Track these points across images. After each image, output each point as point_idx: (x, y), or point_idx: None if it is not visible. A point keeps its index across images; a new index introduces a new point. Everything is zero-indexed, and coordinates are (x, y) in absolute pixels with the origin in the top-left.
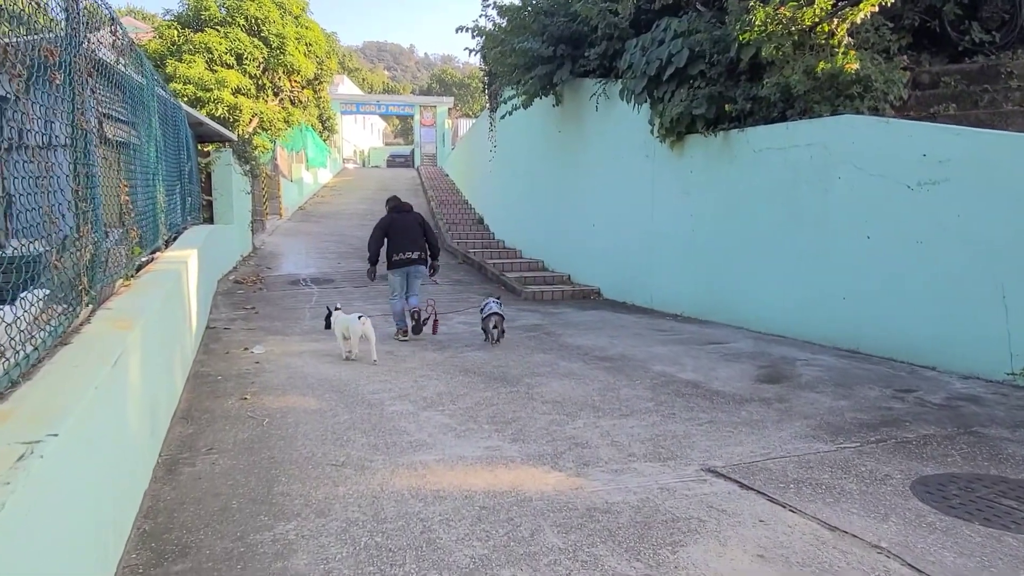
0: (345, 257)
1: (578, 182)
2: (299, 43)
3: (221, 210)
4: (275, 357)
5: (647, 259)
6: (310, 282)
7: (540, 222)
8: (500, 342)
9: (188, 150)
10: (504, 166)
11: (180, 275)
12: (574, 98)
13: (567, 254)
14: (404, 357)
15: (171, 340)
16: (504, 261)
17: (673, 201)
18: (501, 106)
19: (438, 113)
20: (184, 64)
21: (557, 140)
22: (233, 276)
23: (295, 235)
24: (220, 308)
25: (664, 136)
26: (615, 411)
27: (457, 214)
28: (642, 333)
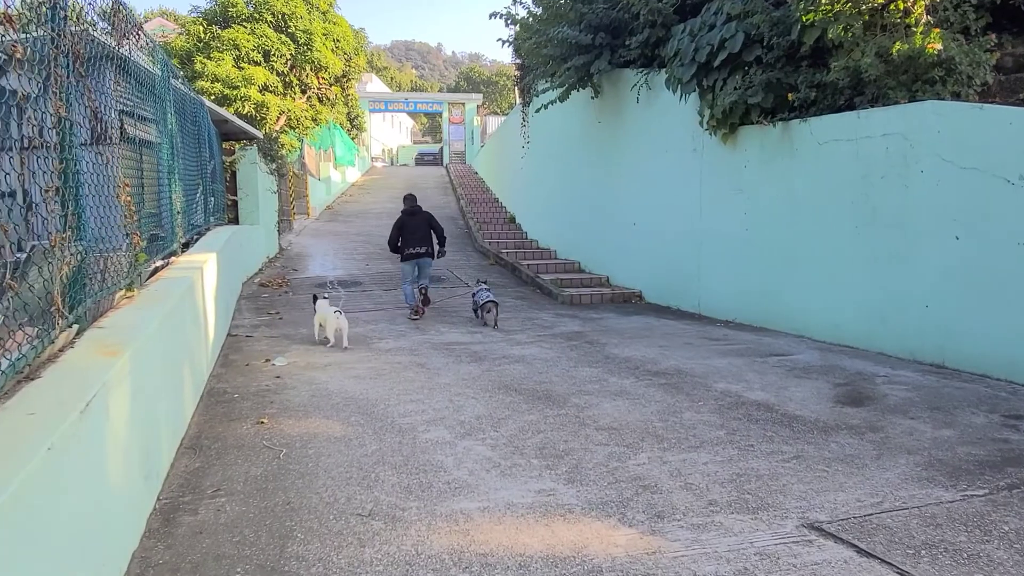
0: (373, 258)
1: (617, 179)
2: (326, 39)
3: (246, 210)
4: (298, 370)
5: (694, 261)
6: (337, 285)
7: (576, 221)
8: (498, 326)
9: (211, 148)
10: (537, 163)
11: (193, 283)
12: (613, 90)
13: (605, 255)
14: (438, 370)
15: (179, 358)
16: (538, 262)
17: (724, 198)
18: (535, 99)
19: (467, 110)
20: (212, 61)
21: (594, 135)
22: (259, 279)
23: (322, 235)
24: (244, 313)
25: (715, 128)
26: (682, 441)
27: (487, 213)
28: (694, 343)
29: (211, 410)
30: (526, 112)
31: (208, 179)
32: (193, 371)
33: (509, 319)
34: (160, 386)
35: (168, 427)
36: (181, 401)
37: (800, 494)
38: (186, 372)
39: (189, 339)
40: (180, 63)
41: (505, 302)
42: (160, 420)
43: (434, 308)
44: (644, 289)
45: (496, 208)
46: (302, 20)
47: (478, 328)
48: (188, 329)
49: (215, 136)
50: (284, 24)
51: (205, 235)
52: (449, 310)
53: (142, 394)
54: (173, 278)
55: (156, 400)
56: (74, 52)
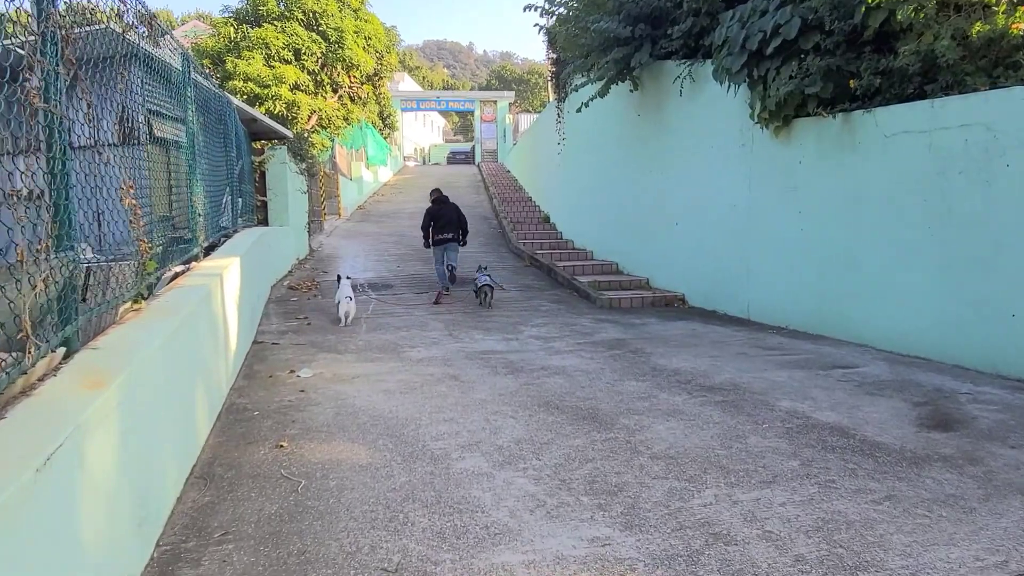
0: (405, 260)
1: (658, 177)
2: (358, 37)
3: (276, 211)
4: (323, 383)
5: (742, 263)
6: (367, 288)
7: (614, 221)
8: (492, 306)
9: (239, 147)
10: (572, 160)
11: (211, 292)
12: (653, 83)
13: (645, 256)
14: (472, 383)
15: (190, 377)
16: (575, 264)
17: (776, 196)
18: (571, 95)
19: (499, 108)
20: (243, 61)
21: (633, 130)
22: (288, 281)
23: (353, 236)
24: (271, 318)
25: (766, 121)
26: (751, 474)
27: (521, 212)
28: (747, 352)
29: (229, 430)
30: (561, 108)
31: (236, 180)
32: (209, 388)
33: (546, 324)
34: (164, 413)
35: (175, 457)
36: (193, 423)
37: (903, 549)
38: (200, 391)
39: (204, 353)
40: (211, 64)
41: (541, 306)
42: (163, 452)
43: (468, 313)
44: (687, 292)
45: (529, 207)
46: (333, 18)
47: (514, 335)
48: (204, 343)
49: (244, 135)
50: (315, 22)
51: (232, 237)
52: (483, 314)
53: (137, 428)
54: (189, 286)
55: (157, 430)
56: (64, 38)
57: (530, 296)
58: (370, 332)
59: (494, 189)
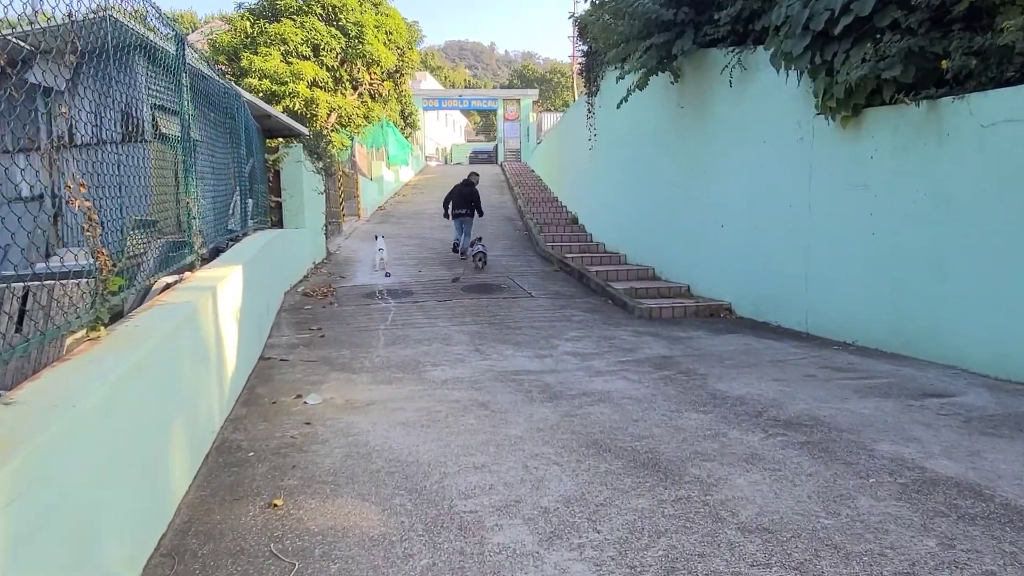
0: (426, 263)
1: (701, 175)
2: (378, 32)
3: (291, 212)
4: (333, 413)
5: (800, 269)
6: (386, 295)
7: (650, 223)
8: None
9: (250, 145)
10: (604, 158)
11: (196, 311)
12: (696, 74)
13: (686, 261)
14: (505, 414)
15: (158, 421)
16: (607, 268)
17: (842, 195)
18: (603, 88)
19: (522, 106)
20: (259, 57)
21: (673, 125)
22: (303, 287)
23: (373, 238)
24: (283, 329)
25: (833, 111)
26: (879, 561)
27: (548, 213)
28: (815, 375)
29: (215, 478)
30: (592, 103)
31: (246, 179)
32: (192, 428)
33: (582, 338)
34: (109, 484)
35: (126, 542)
36: (166, 481)
37: None
38: (177, 435)
39: (186, 386)
40: (227, 60)
41: (574, 316)
42: (105, 542)
43: (495, 324)
44: (734, 301)
45: (556, 208)
46: (353, 12)
47: (547, 351)
48: (185, 373)
49: (257, 132)
50: (334, 17)
51: (240, 242)
52: (512, 325)
53: (47, 531)
54: (170, 305)
55: (95, 515)
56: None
57: (561, 305)
58: (388, 346)
59: (518, 189)
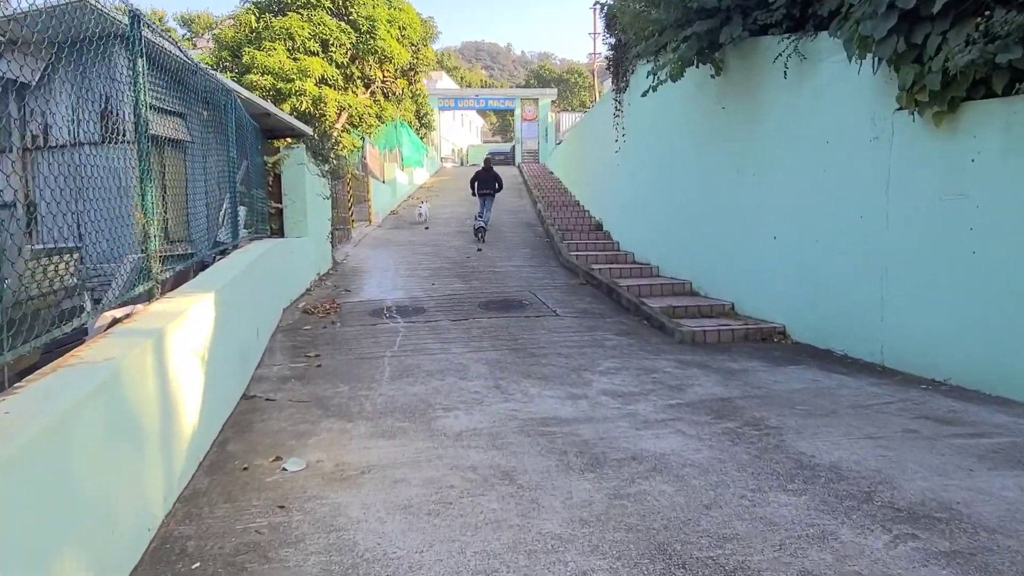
0: (440, 275)
1: (747, 179)
2: (391, 26)
3: (293, 219)
4: (317, 487)
5: (874, 291)
6: (395, 312)
7: (686, 232)
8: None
9: (244, 145)
10: (633, 160)
11: (120, 373)
12: (743, 65)
13: (729, 276)
14: (535, 491)
15: (36, 547)
16: (639, 282)
17: (932, 206)
18: (634, 84)
19: (540, 106)
20: (263, 52)
21: (713, 124)
22: (304, 303)
23: (384, 246)
24: (275, 355)
25: (924, 105)
26: None
27: (569, 218)
28: (917, 429)
29: None
30: (620, 100)
31: (238, 184)
32: (97, 543)
33: (619, 370)
34: None
35: None
36: None
37: None
38: (67, 562)
39: (91, 486)
40: (230, 56)
41: (606, 340)
42: None
43: (516, 349)
44: (788, 323)
45: (578, 213)
46: (364, 6)
47: (579, 388)
48: (92, 465)
49: (253, 132)
50: (344, 10)
51: (229, 255)
52: (536, 351)
53: None
54: (80, 366)
55: None
56: None
57: (590, 326)
58: (394, 380)
59: (538, 192)
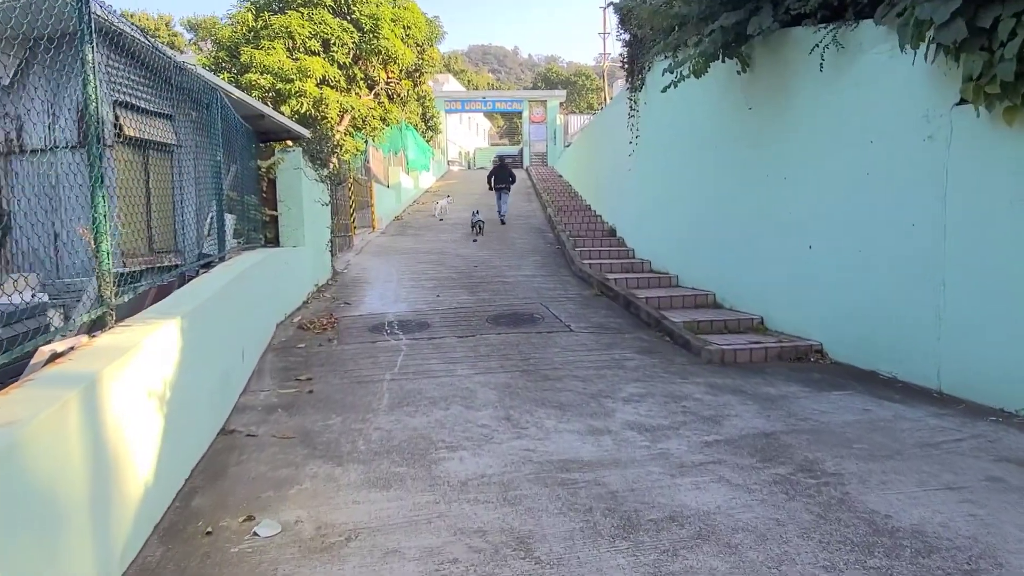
0: (446, 286)
1: (777, 183)
2: (395, 26)
3: (288, 228)
4: (294, 562)
5: (929, 307)
6: (397, 328)
7: (709, 240)
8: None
9: (232, 148)
10: (650, 163)
11: (14, 447)
12: (773, 59)
13: (757, 287)
14: (558, 567)
15: None
16: (658, 294)
17: (1000, 212)
18: (650, 83)
19: (549, 108)
20: (261, 51)
21: (740, 123)
22: (299, 317)
23: (387, 254)
24: (264, 379)
25: (995, 99)
26: None
27: (581, 224)
28: (1004, 477)
29: None
30: (636, 100)
31: (226, 190)
32: None
33: (644, 397)
34: None
35: None
36: None
37: None
38: None
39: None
40: (228, 56)
41: (626, 360)
42: None
43: (528, 371)
44: (826, 341)
45: (589, 218)
46: (367, 4)
47: (601, 420)
48: None
49: (245, 134)
50: (346, 9)
51: (213, 269)
52: (550, 373)
53: None
54: None
55: None
56: None
57: (608, 342)
58: (393, 410)
59: (547, 196)
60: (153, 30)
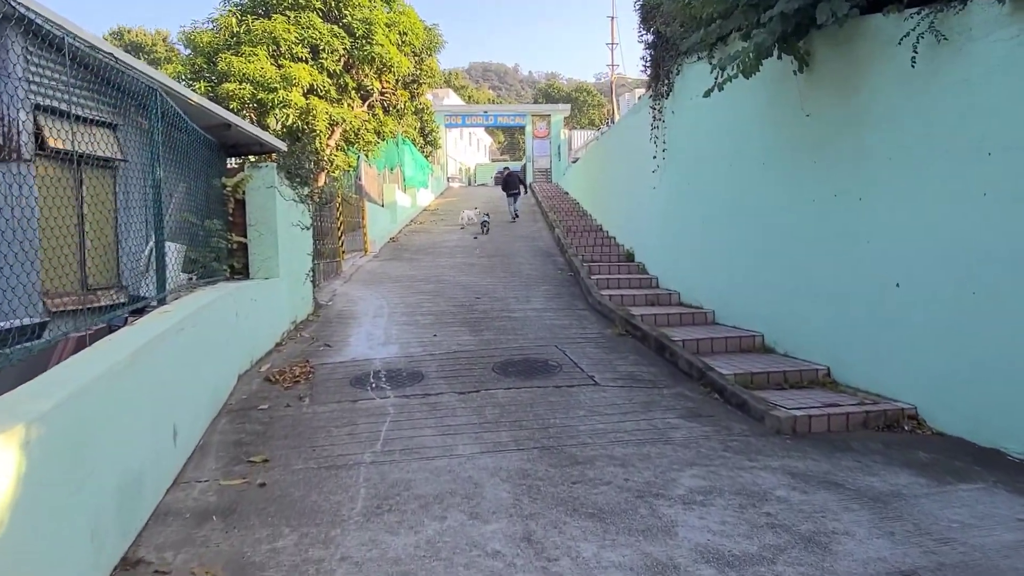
0: (445, 323)
1: (850, 204)
2: (390, 31)
3: (260, 256)
4: None
5: None
6: (384, 380)
7: (756, 269)
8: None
9: (188, 163)
10: (677, 179)
11: None
12: (840, 55)
13: (821, 328)
14: None
15: None
16: (695, 334)
17: None
18: (678, 88)
19: (553, 123)
20: (241, 58)
21: (797, 132)
22: (268, 364)
23: (379, 283)
24: (207, 459)
25: None
26: None
27: (594, 247)
28: None
29: None
30: (659, 108)
31: (171, 214)
32: None
33: (708, 497)
34: None
35: None
36: None
37: None
38: None
39: None
40: (206, 63)
41: (671, 431)
42: None
43: (551, 445)
44: (923, 404)
45: (603, 240)
46: (360, 8)
47: (658, 542)
48: None
49: (206, 147)
50: (337, 13)
51: (145, 316)
52: (576, 453)
53: None
54: None
55: None
56: None
57: (645, 402)
58: (370, 519)
59: (554, 216)
60: (150, 45)
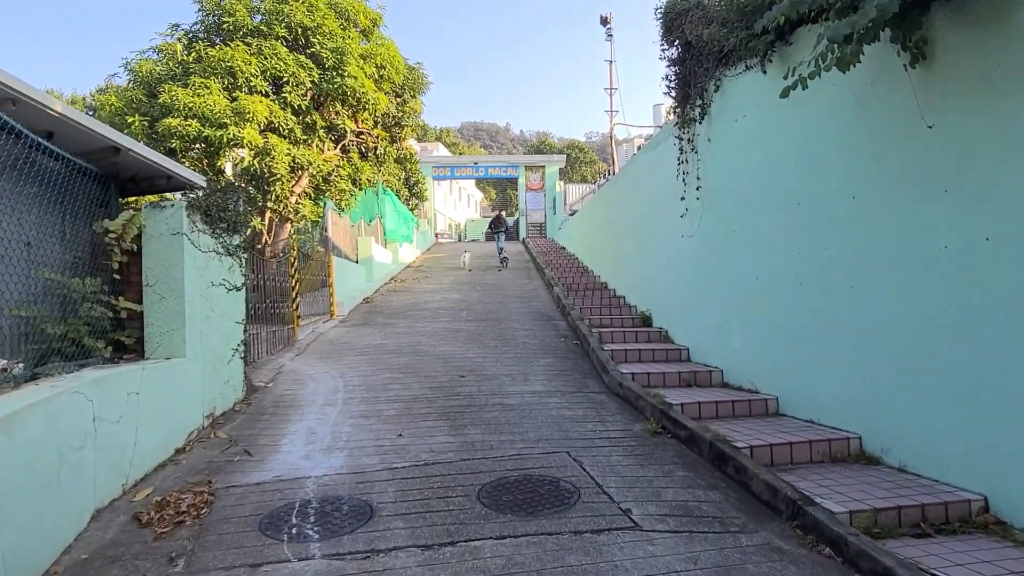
0: (416, 414)
1: (1001, 251)
2: (365, 63)
3: (159, 328)
4: None
5: None
6: (312, 520)
7: (846, 342)
8: None
9: (43, 199)
10: (720, 223)
11: None
12: (976, 42)
13: (963, 435)
14: None
15: None
16: (763, 437)
17: None
18: (714, 110)
19: (547, 174)
20: (188, 90)
21: (909, 152)
22: (148, 491)
23: (340, 355)
24: None
25: None
26: None
27: (601, 308)
28: None
29: None
30: (690, 137)
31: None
32: None
33: None
34: None
35: None
36: None
37: None
38: None
39: None
40: (147, 96)
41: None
42: None
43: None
44: None
45: (609, 299)
46: (330, 37)
47: None
48: None
49: (78, 177)
50: (304, 42)
51: None
52: None
53: None
54: None
55: None
56: None
57: (718, 564)
58: None
59: (551, 272)
60: None
